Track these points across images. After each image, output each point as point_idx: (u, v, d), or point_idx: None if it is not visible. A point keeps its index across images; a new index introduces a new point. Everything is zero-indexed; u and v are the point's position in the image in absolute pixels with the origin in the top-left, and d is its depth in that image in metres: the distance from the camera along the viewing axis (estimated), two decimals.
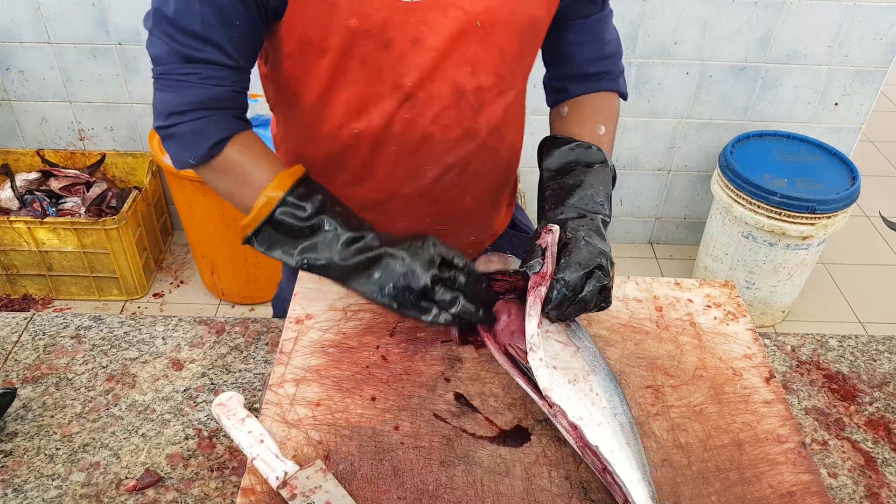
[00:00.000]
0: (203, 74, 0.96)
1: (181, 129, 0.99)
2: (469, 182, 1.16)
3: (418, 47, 0.98)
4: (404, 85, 1.01)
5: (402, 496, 0.81)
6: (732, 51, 2.73)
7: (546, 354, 0.90)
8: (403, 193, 1.14)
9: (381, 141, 1.07)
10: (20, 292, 2.81)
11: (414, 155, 1.09)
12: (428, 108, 1.04)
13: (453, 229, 1.22)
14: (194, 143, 0.99)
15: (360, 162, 1.10)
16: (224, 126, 1.00)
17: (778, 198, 2.47)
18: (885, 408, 1.09)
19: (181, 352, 1.13)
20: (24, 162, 2.87)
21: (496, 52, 1.03)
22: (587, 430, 0.83)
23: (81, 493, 0.92)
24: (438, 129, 1.06)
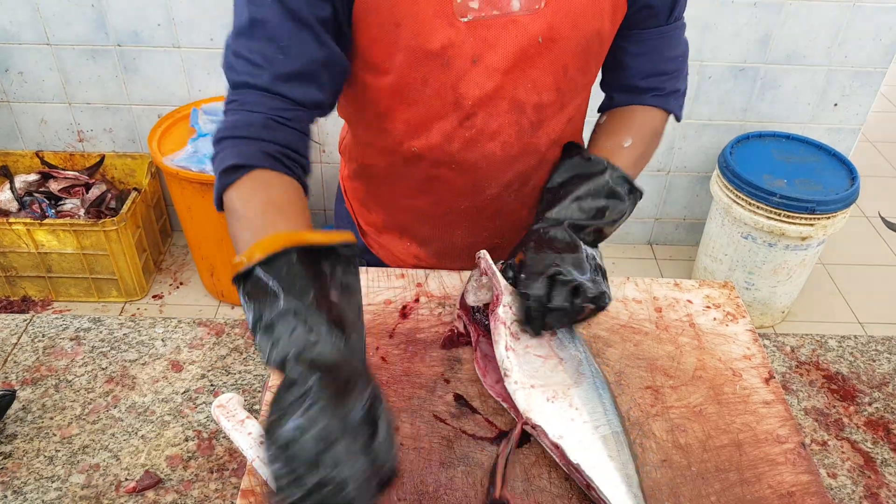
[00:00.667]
0: (242, 101, 0.89)
1: (216, 153, 0.89)
2: (528, 196, 1.15)
3: (478, 66, 0.97)
4: (464, 104, 1.00)
5: (401, 497, 0.81)
6: (732, 51, 2.74)
7: (523, 374, 0.88)
8: (461, 209, 1.14)
9: (441, 159, 1.06)
10: (19, 294, 2.80)
11: (473, 172, 1.08)
12: (487, 126, 1.02)
13: (508, 242, 1.21)
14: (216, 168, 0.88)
15: (420, 176, 1.10)
16: (249, 154, 0.86)
17: (777, 198, 2.48)
18: (884, 408, 1.09)
19: (181, 353, 1.12)
20: (24, 163, 2.87)
21: (559, 69, 1.01)
22: (568, 449, 0.82)
23: (81, 495, 0.92)
24: (498, 147, 1.05)
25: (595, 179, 1.02)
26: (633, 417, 0.92)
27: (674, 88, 1.14)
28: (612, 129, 1.13)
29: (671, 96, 1.15)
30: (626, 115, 1.14)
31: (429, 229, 1.18)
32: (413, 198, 1.15)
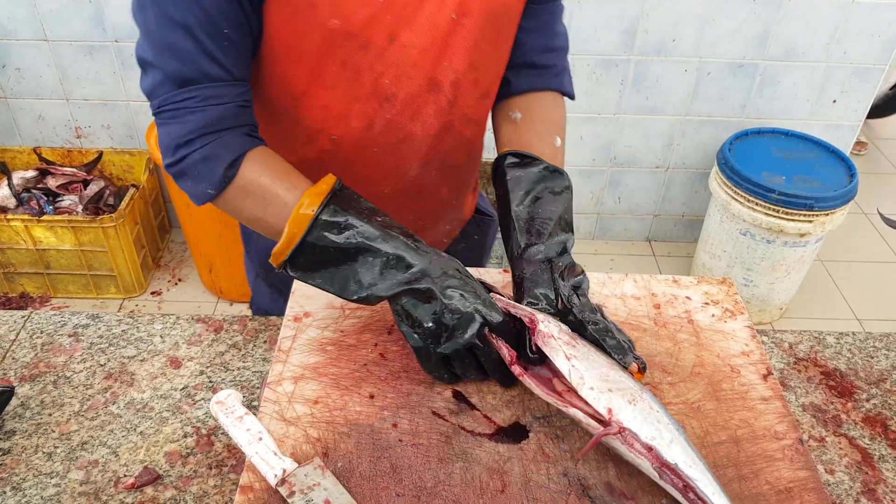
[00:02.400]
0: (201, 96, 0.90)
1: (191, 160, 0.92)
2: (447, 175, 1.15)
3: (395, 44, 0.96)
4: (383, 84, 0.98)
5: (400, 493, 0.81)
6: (731, 48, 2.74)
7: (597, 378, 0.84)
8: (384, 193, 1.12)
9: (362, 144, 1.04)
10: (18, 290, 2.80)
11: (394, 154, 1.07)
12: (407, 106, 1.02)
13: (431, 223, 1.22)
14: (208, 171, 0.93)
15: (338, 166, 1.07)
16: (235, 145, 0.93)
17: (776, 195, 2.48)
18: (882, 404, 1.09)
19: (179, 350, 1.12)
20: (21, 160, 2.86)
21: (472, 45, 1.01)
22: (662, 450, 0.79)
23: (80, 491, 0.92)
24: (418, 127, 1.05)
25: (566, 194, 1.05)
26: None
27: (563, 66, 1.18)
28: (539, 130, 1.13)
29: (564, 75, 1.19)
30: (544, 110, 1.16)
31: None
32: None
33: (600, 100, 2.87)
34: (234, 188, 0.94)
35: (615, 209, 3.22)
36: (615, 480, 0.84)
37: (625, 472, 0.85)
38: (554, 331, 0.88)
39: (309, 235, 0.89)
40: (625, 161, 3.06)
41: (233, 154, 0.93)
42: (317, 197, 0.89)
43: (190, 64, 0.89)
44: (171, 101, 0.91)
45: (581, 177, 3.11)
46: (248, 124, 0.97)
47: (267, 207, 0.94)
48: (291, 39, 0.94)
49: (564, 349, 0.86)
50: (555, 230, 1.00)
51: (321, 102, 1.00)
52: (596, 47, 2.73)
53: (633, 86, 2.84)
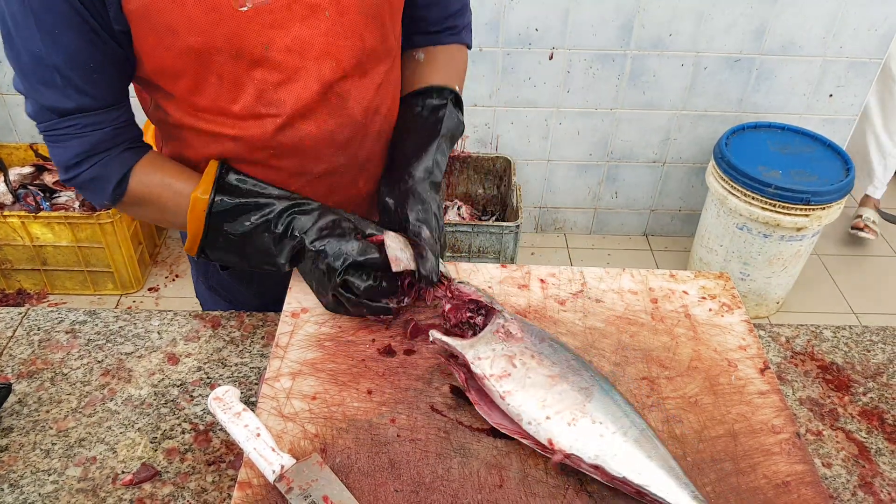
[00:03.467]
0: (81, 124, 0.96)
1: (82, 180, 1.01)
2: (357, 168, 1.15)
3: (271, 51, 0.95)
4: (267, 91, 0.98)
5: (398, 488, 0.81)
6: (727, 42, 2.73)
7: (534, 409, 0.85)
8: (294, 190, 1.10)
9: (262, 146, 1.04)
10: (14, 287, 2.80)
11: (297, 156, 1.07)
12: (296, 108, 1.01)
13: (362, 213, 1.20)
14: (99, 190, 1.02)
15: (244, 165, 1.07)
16: (118, 165, 1.01)
17: (772, 189, 2.48)
18: (878, 398, 1.10)
19: (177, 346, 1.12)
20: (18, 156, 2.85)
21: (356, 38, 1.01)
22: (608, 466, 0.80)
23: (78, 488, 0.92)
24: (313, 127, 1.04)
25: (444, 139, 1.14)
26: None
27: (465, 23, 1.25)
28: (436, 72, 1.21)
29: (464, 31, 1.25)
30: (446, 56, 1.23)
31: None
32: None
33: (597, 94, 2.87)
34: (127, 200, 1.03)
35: (612, 204, 3.22)
36: None
37: None
38: (485, 370, 0.89)
39: (208, 230, 1.01)
40: (622, 156, 3.06)
41: (118, 173, 1.01)
42: (205, 191, 1.01)
43: (64, 99, 0.94)
44: (54, 128, 0.97)
45: (578, 171, 3.11)
46: (128, 139, 1.03)
47: (164, 211, 1.04)
48: (164, 62, 0.94)
49: (498, 389, 0.87)
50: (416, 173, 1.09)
51: (211, 111, 1.01)
52: (593, 42, 2.73)
53: (630, 80, 2.84)
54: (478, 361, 0.90)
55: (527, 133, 2.98)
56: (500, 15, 2.66)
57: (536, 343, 0.92)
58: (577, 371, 0.89)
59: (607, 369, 0.97)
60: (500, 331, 0.93)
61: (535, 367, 0.89)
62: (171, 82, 0.98)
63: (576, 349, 1.00)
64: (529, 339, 0.93)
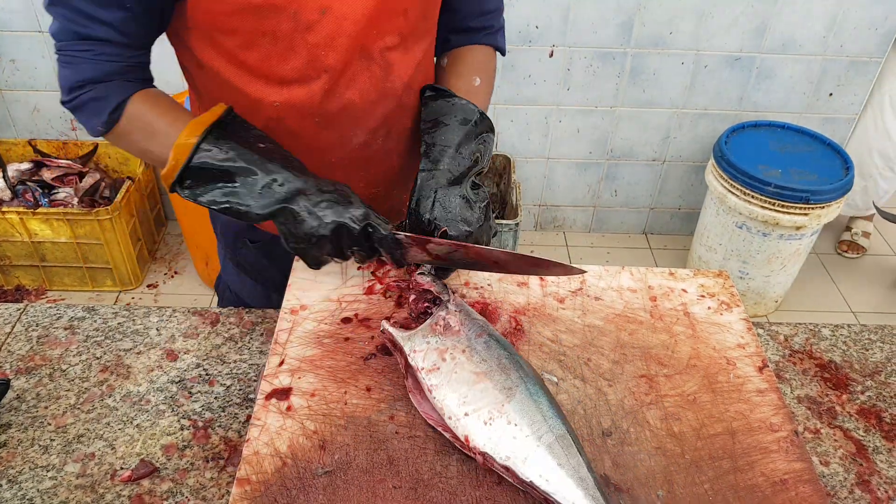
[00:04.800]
0: (96, 51, 0.98)
1: (82, 101, 1.01)
2: (394, 142, 1.18)
3: (327, 17, 0.98)
4: (318, 55, 1.01)
5: (397, 485, 0.81)
6: (728, 41, 2.73)
7: (455, 405, 0.85)
8: (332, 162, 1.15)
9: (304, 114, 1.07)
10: (13, 283, 2.80)
11: (337, 123, 1.10)
12: (343, 75, 1.05)
13: (385, 191, 1.24)
14: (96, 111, 1.02)
15: (284, 135, 1.09)
16: (120, 91, 1.01)
17: (772, 188, 2.48)
18: (876, 396, 1.10)
19: (175, 342, 1.12)
20: (16, 152, 2.85)
21: (399, 13, 1.04)
22: (518, 470, 0.80)
23: (76, 484, 0.92)
24: (356, 95, 1.08)
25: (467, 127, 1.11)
26: (628, 406, 0.92)
27: (500, 25, 1.26)
28: (461, 70, 1.21)
29: (498, 34, 1.26)
30: (470, 55, 1.23)
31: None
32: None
33: (597, 93, 2.87)
34: (121, 124, 1.02)
35: (612, 202, 3.22)
36: (611, 473, 0.84)
37: (620, 464, 0.85)
38: (418, 363, 0.89)
39: (191, 161, 0.96)
40: (621, 154, 3.06)
41: (119, 97, 1.01)
42: (199, 126, 0.97)
43: (89, 25, 0.96)
44: (71, 49, 0.99)
45: (578, 169, 3.11)
46: (138, 79, 1.04)
47: (152, 138, 1.02)
48: (220, 15, 0.96)
49: (426, 381, 0.88)
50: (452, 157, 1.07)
51: (260, 72, 1.03)
52: (593, 40, 2.73)
53: (630, 79, 2.83)
54: (413, 354, 0.91)
55: (526, 131, 2.98)
56: None
57: (472, 338, 0.92)
58: (505, 370, 0.88)
59: (606, 367, 0.97)
60: (440, 323, 0.94)
61: (464, 363, 0.89)
62: (222, 37, 0.99)
63: (575, 347, 1.00)
64: (467, 333, 0.93)
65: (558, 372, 0.96)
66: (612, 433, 0.89)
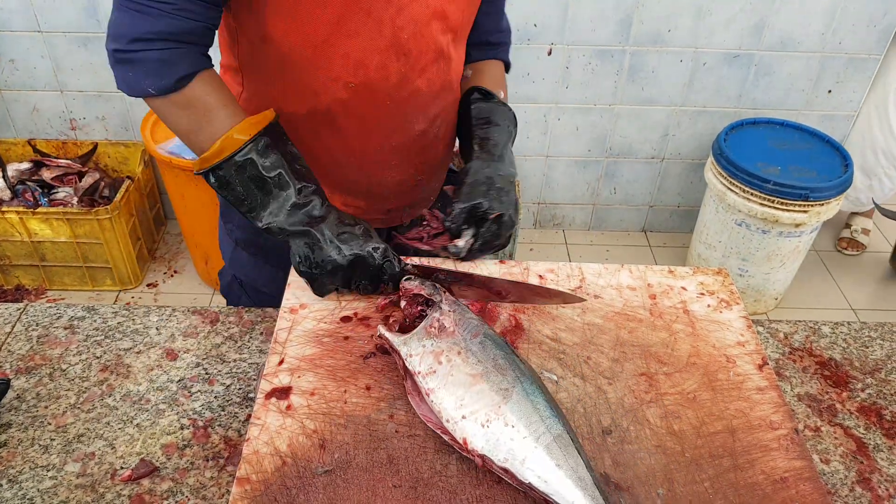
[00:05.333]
0: (178, 5, 0.94)
1: (146, 56, 0.96)
2: (445, 132, 1.24)
3: (416, 3, 1.02)
4: (401, 38, 1.04)
5: (396, 484, 0.81)
6: (726, 38, 2.73)
7: (452, 408, 0.85)
8: (392, 145, 1.17)
9: (376, 96, 1.09)
10: (13, 283, 2.80)
11: (404, 107, 1.12)
12: (418, 62, 1.08)
13: (427, 178, 1.29)
14: (160, 73, 0.97)
15: (351, 116, 1.11)
16: (194, 61, 0.99)
17: (771, 185, 2.48)
18: (876, 394, 1.10)
19: (175, 342, 1.12)
20: (16, 152, 2.85)
21: (459, 10, 1.09)
22: (516, 471, 0.80)
23: (76, 484, 0.92)
24: (425, 83, 1.11)
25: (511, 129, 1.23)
26: (628, 404, 0.92)
27: (510, 42, 1.35)
28: (486, 82, 1.27)
29: (508, 50, 1.35)
30: (488, 70, 1.30)
31: (356, 171, 1.20)
32: (342, 140, 1.15)
33: (596, 90, 2.87)
34: (179, 97, 1.00)
35: (611, 200, 3.22)
36: (611, 471, 0.84)
37: (621, 463, 0.85)
38: (414, 367, 0.89)
39: (237, 155, 0.99)
40: (620, 152, 3.06)
41: (189, 68, 0.99)
42: (253, 127, 1.00)
43: None
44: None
45: (577, 167, 3.11)
46: (208, 45, 1.03)
47: (203, 124, 1.01)
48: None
49: (423, 385, 0.88)
50: (503, 154, 1.17)
51: (342, 50, 1.04)
52: (592, 38, 2.73)
53: (629, 76, 2.83)
54: (409, 358, 0.91)
55: (525, 129, 2.97)
56: None
57: (467, 339, 0.92)
58: (501, 370, 0.88)
59: (606, 365, 0.97)
60: (434, 325, 0.94)
61: (460, 365, 0.89)
62: (310, 8, 0.99)
63: (574, 345, 1.00)
64: (462, 333, 0.92)
65: (558, 370, 0.96)
66: (612, 431, 0.89)
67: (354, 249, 1.00)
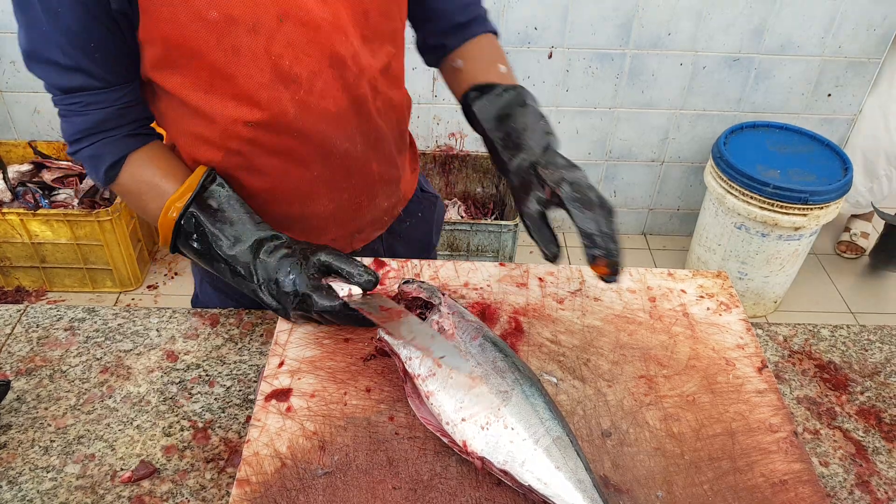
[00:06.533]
0: (83, 102, 0.99)
1: (82, 156, 1.04)
2: (373, 149, 1.16)
3: (286, 24, 0.95)
4: (283, 66, 0.98)
5: (396, 486, 0.81)
6: (726, 42, 2.74)
7: (452, 411, 0.85)
8: (314, 176, 1.12)
9: (280, 129, 1.04)
10: (13, 284, 2.80)
11: (314, 135, 1.07)
12: (314, 85, 1.02)
13: (367, 200, 1.22)
14: (94, 168, 1.05)
15: (264, 154, 1.07)
16: (116, 149, 1.03)
17: (771, 189, 2.48)
18: (875, 397, 1.10)
19: (175, 343, 1.13)
20: (17, 153, 2.85)
21: (360, 15, 1.02)
22: (516, 474, 0.80)
23: (76, 485, 0.92)
24: (330, 104, 1.05)
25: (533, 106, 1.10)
26: (627, 406, 0.92)
27: (484, 10, 1.22)
28: (483, 66, 1.18)
29: (487, 18, 1.23)
30: (481, 48, 1.20)
31: (286, 207, 1.16)
32: (263, 179, 1.11)
33: (596, 93, 2.87)
34: (117, 186, 1.07)
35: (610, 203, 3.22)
36: (611, 474, 0.84)
37: (620, 465, 0.85)
38: (414, 370, 0.89)
39: (176, 240, 1.05)
40: (620, 155, 3.07)
41: (112, 157, 1.04)
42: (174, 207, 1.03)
43: (68, 77, 0.97)
44: (62, 103, 1.00)
45: None
46: (133, 122, 1.05)
47: (144, 204, 1.08)
48: (178, 39, 0.93)
49: (423, 388, 0.88)
50: (530, 138, 1.06)
51: (229, 92, 0.99)
52: (592, 41, 2.73)
53: (629, 80, 2.84)
54: (409, 361, 0.90)
55: None
56: (500, 14, 2.66)
57: (467, 341, 0.91)
58: (501, 373, 0.87)
59: (605, 367, 0.97)
60: (433, 328, 0.93)
61: (463, 364, 0.88)
62: (184, 60, 0.96)
63: (574, 347, 1.00)
64: (461, 336, 0.92)
65: (557, 373, 0.97)
66: (612, 434, 0.89)
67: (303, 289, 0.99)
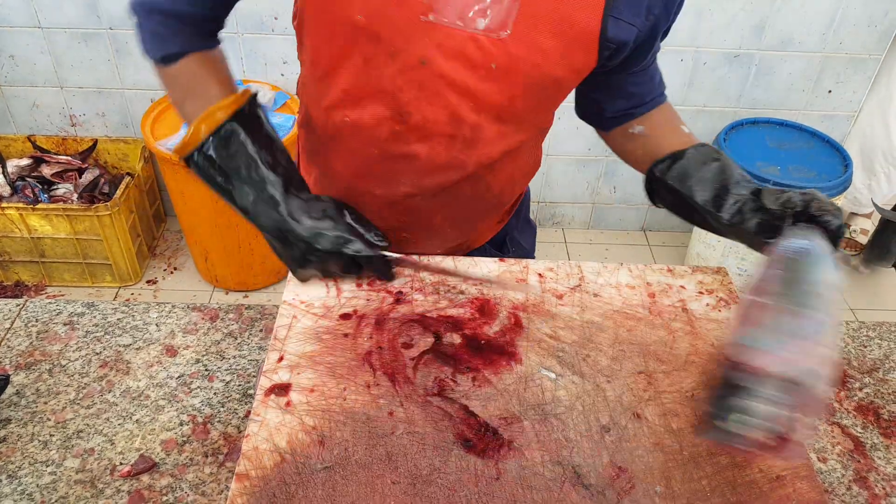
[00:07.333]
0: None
1: (143, 25, 1.01)
2: (442, 205, 1.14)
3: (425, 69, 0.94)
4: (401, 98, 0.98)
5: (396, 480, 0.82)
6: (727, 38, 2.73)
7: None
8: (376, 194, 1.12)
9: (366, 140, 1.04)
10: (12, 279, 2.80)
11: (393, 164, 1.06)
12: (419, 128, 1.01)
13: (415, 238, 1.20)
14: (154, 45, 1.02)
15: (345, 150, 1.08)
16: (184, 41, 1.02)
17: (771, 185, 2.48)
18: (874, 393, 1.10)
19: (175, 338, 1.13)
20: (16, 148, 2.85)
21: (506, 99, 0.99)
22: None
23: (76, 479, 0.92)
24: (424, 150, 1.03)
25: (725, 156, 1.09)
26: (626, 402, 0.93)
27: (657, 84, 1.20)
28: (666, 130, 1.17)
29: (659, 88, 1.20)
30: (660, 114, 1.19)
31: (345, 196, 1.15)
32: (335, 170, 1.13)
33: None
34: (171, 70, 1.04)
35: (610, 199, 3.22)
36: (610, 469, 0.85)
37: (619, 460, 0.85)
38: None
39: (203, 148, 1.01)
40: None
41: (179, 47, 1.02)
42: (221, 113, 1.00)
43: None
44: None
45: (576, 166, 3.11)
46: (211, 31, 1.05)
47: (187, 101, 1.04)
48: (323, 19, 0.96)
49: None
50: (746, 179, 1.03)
51: (342, 83, 1.01)
52: None
53: None
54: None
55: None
56: None
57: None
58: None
59: (604, 363, 0.98)
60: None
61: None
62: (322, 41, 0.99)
63: (573, 343, 1.00)
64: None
65: (557, 368, 0.97)
66: (611, 429, 0.89)
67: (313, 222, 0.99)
